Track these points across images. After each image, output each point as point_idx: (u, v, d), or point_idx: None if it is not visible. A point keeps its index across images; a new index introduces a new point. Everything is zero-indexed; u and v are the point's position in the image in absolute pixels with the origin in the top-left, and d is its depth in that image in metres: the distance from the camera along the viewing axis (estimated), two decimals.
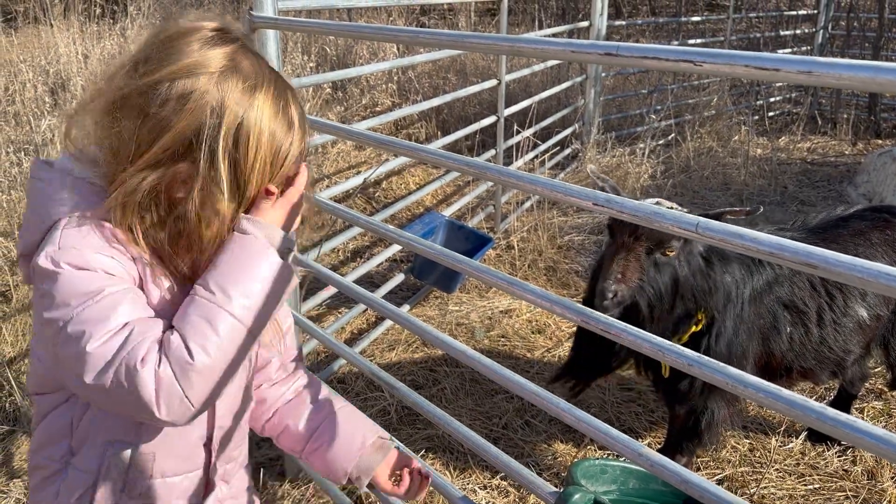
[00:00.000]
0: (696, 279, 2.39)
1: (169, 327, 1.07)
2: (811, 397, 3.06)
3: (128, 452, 1.22)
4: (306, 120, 1.22)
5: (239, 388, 1.35)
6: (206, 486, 1.34)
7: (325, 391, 1.56)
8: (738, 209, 2.17)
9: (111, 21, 8.34)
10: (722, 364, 1.20)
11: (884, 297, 2.59)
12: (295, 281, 1.18)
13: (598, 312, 1.42)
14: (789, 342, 2.52)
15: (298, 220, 1.23)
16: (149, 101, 1.08)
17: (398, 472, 1.53)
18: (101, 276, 1.08)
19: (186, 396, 1.03)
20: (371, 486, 1.52)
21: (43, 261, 1.08)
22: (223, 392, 1.10)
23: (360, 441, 1.48)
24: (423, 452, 2.95)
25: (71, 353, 1.04)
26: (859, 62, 0.96)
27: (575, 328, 2.82)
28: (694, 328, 2.45)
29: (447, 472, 2.84)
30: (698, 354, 1.23)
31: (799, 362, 2.56)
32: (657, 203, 2.32)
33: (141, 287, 1.15)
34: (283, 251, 1.15)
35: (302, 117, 1.20)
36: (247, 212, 1.16)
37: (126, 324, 1.05)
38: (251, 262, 1.10)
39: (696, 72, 1.10)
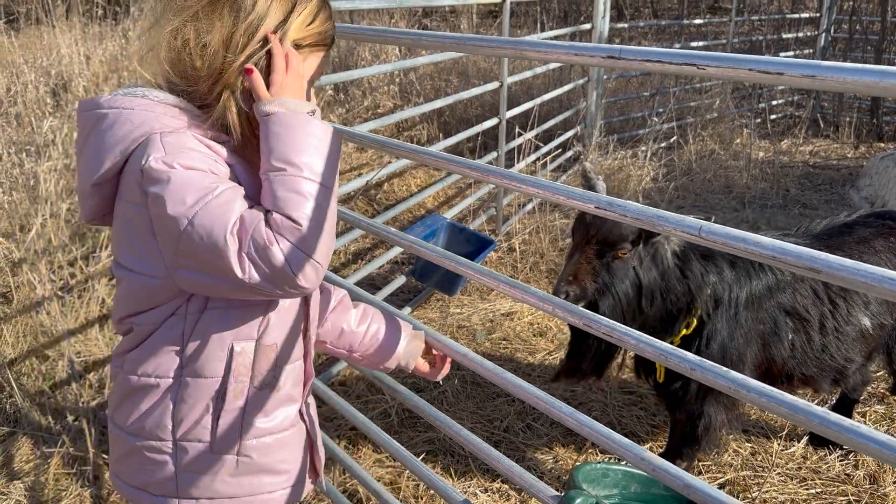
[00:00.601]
0: (666, 281, 2.39)
1: (265, 212, 1.18)
2: (813, 402, 3.05)
3: (252, 347, 1.33)
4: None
5: None
6: (305, 373, 1.48)
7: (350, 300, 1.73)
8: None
9: (113, 22, 8.35)
10: (724, 368, 1.20)
11: (888, 305, 2.57)
12: (335, 132, 1.29)
13: (600, 316, 1.41)
14: (791, 349, 2.50)
15: (306, 83, 1.33)
16: (241, 1, 1.24)
17: (428, 357, 1.79)
18: (210, 175, 1.20)
19: (312, 258, 1.17)
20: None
21: (154, 164, 1.17)
22: (333, 246, 1.23)
23: (403, 332, 1.72)
24: (424, 455, 2.94)
25: (205, 248, 1.15)
26: (863, 66, 0.95)
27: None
28: (685, 331, 2.45)
29: (448, 476, 2.83)
30: (700, 358, 1.23)
31: (800, 370, 2.55)
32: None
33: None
34: (309, 112, 1.26)
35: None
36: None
37: (241, 215, 1.17)
38: (293, 133, 1.22)
39: (700, 75, 1.10)
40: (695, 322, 2.43)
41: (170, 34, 1.26)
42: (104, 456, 2.87)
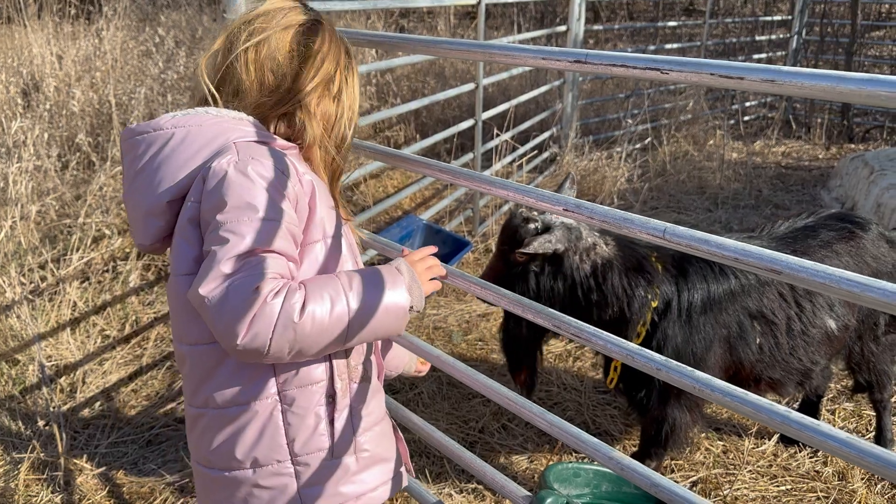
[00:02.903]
0: (576, 294, 2.47)
1: (300, 283, 1.17)
2: (782, 401, 3.09)
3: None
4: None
5: None
6: (378, 365, 1.52)
7: None
8: None
9: (86, 22, 8.24)
10: (690, 368, 1.22)
11: (850, 307, 2.61)
12: (401, 329, 1.33)
13: (569, 317, 1.43)
14: (759, 352, 2.53)
15: (431, 289, 1.45)
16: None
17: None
18: (270, 195, 1.17)
19: (270, 340, 1.11)
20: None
21: (218, 164, 1.18)
22: (282, 360, 1.18)
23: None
24: None
25: (214, 252, 1.12)
26: (821, 72, 0.97)
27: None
28: (636, 340, 2.49)
29: (423, 477, 2.84)
30: (665, 358, 1.25)
31: (768, 373, 2.58)
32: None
33: (310, 203, 1.27)
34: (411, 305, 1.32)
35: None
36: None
37: (270, 251, 1.15)
38: (388, 293, 1.26)
39: (663, 80, 1.11)
40: (644, 331, 2.47)
41: (254, 49, 1.30)
42: (75, 461, 2.84)
